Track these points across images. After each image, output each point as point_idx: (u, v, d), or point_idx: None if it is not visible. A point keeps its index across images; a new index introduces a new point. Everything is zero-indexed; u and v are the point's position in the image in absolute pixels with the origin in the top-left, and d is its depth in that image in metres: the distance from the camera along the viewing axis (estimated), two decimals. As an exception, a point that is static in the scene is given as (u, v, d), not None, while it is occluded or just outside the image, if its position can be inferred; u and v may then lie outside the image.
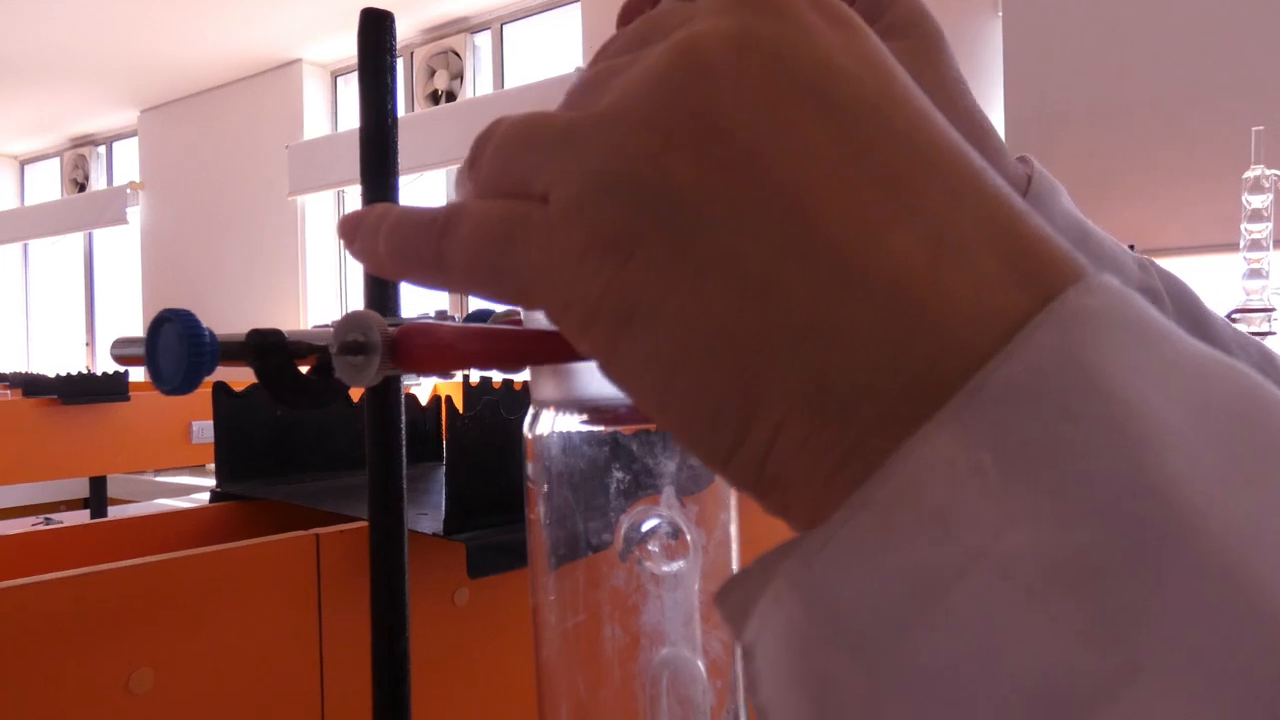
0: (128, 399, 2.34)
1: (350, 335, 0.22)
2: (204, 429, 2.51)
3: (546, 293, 0.16)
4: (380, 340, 0.22)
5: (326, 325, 0.24)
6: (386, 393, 0.26)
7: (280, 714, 0.51)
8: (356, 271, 5.23)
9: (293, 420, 0.69)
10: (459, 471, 0.53)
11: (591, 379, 0.21)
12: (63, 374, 2.27)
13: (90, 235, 6.32)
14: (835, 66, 0.15)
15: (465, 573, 0.55)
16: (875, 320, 0.14)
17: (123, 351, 0.34)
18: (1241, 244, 1.52)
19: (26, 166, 6.86)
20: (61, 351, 6.43)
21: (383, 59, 0.39)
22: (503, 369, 0.20)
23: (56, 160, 6.57)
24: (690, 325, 0.15)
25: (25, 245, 6.76)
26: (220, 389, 0.65)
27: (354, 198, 4.94)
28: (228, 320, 5.09)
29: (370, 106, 0.39)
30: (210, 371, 0.24)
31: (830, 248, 0.14)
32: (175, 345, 0.24)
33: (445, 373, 0.21)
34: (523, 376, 0.24)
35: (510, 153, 0.17)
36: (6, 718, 0.42)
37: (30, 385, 2.24)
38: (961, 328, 0.14)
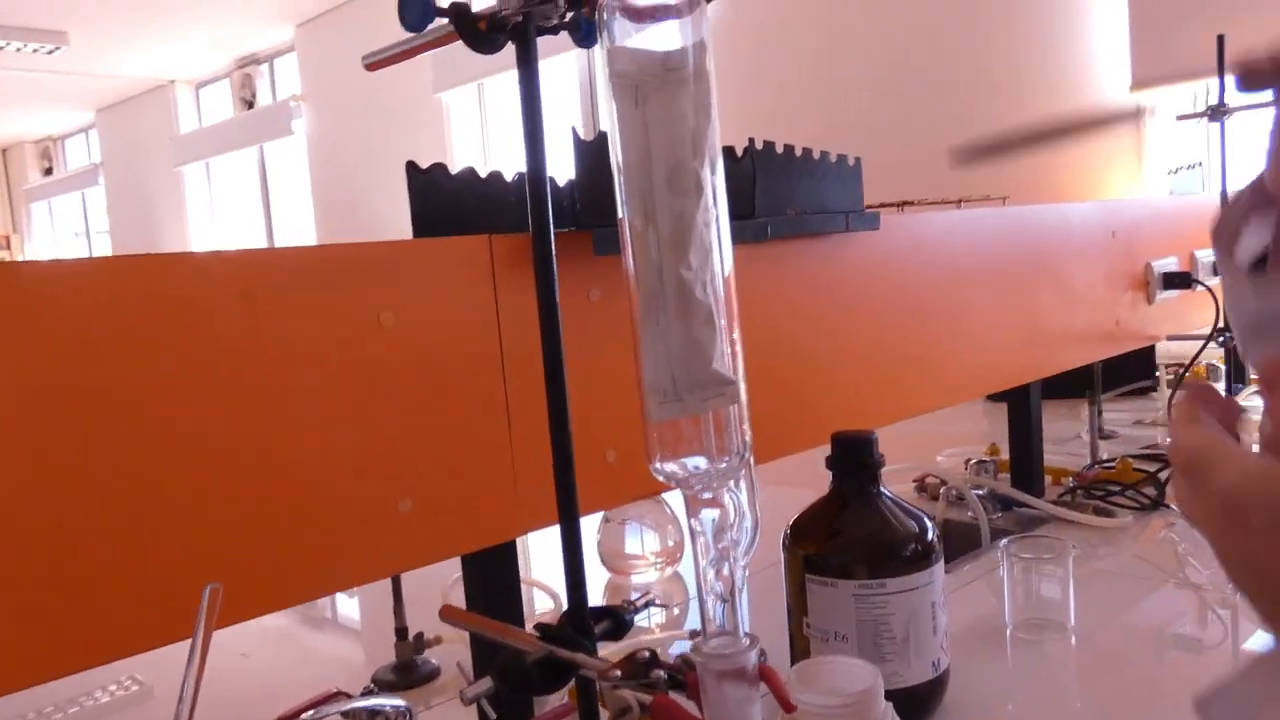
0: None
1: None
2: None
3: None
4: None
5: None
6: (530, 74, 0.43)
7: (472, 355, 0.73)
8: (495, 165, 5.41)
9: (465, 191, 0.91)
10: (586, 178, 0.73)
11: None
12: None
13: (261, 149, 6.84)
14: None
15: (596, 271, 0.76)
16: None
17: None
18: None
19: (200, 90, 7.43)
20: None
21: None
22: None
23: (226, 81, 7.08)
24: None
25: (207, 164, 7.37)
26: (412, 165, 0.87)
27: (492, 89, 5.18)
28: (390, 220, 5.45)
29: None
30: (431, 20, 0.43)
31: None
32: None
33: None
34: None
35: None
36: (300, 333, 0.65)
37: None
38: None
